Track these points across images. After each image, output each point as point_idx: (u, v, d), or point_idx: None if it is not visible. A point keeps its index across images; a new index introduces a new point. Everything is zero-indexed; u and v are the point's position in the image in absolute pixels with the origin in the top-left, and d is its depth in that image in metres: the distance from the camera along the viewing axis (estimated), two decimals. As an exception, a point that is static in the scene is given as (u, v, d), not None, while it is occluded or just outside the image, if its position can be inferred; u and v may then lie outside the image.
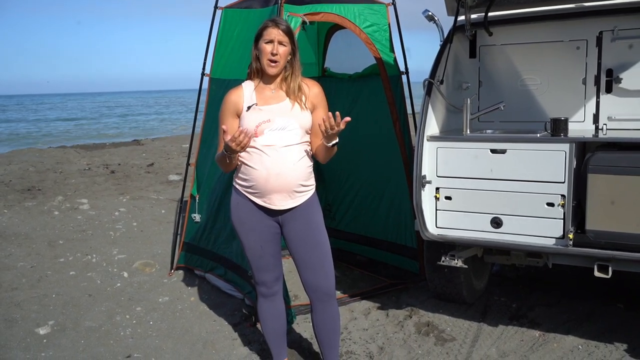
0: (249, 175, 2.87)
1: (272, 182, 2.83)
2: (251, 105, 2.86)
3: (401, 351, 3.65)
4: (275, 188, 2.84)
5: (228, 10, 4.74)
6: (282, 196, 2.88)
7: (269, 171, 2.82)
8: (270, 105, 2.87)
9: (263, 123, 2.82)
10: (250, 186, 2.88)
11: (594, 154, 3.16)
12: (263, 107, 2.86)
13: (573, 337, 3.73)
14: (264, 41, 2.82)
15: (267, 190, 2.86)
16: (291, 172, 2.85)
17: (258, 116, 2.84)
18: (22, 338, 3.96)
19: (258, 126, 2.82)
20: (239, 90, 2.93)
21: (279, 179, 2.83)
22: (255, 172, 2.84)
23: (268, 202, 2.89)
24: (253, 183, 2.87)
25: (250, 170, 2.86)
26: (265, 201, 2.90)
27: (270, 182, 2.83)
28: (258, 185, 2.86)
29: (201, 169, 4.98)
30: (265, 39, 2.82)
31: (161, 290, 4.83)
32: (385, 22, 4.67)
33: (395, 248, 4.97)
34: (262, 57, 2.84)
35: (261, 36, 2.83)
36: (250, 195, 2.91)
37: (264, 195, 2.88)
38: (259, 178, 2.84)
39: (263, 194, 2.87)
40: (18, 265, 5.56)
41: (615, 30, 3.64)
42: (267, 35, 2.82)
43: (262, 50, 2.83)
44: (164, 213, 7.68)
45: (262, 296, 3.13)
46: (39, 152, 15.39)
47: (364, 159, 5.22)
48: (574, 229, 3.25)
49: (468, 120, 3.62)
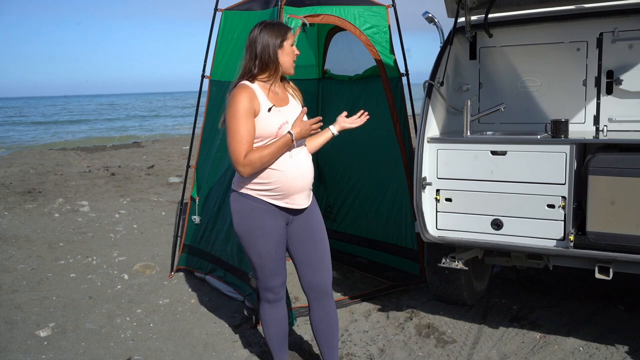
0: (270, 179, 2.85)
1: (297, 182, 2.87)
2: (271, 107, 2.85)
3: (402, 353, 3.65)
4: (299, 188, 2.89)
5: (228, 12, 4.75)
6: (305, 195, 2.95)
7: (297, 171, 2.87)
8: (284, 107, 2.91)
9: (284, 125, 2.84)
10: (273, 189, 2.87)
11: (595, 155, 3.16)
12: (281, 109, 2.88)
13: (574, 339, 3.72)
14: (289, 43, 2.87)
15: (291, 191, 2.88)
16: (310, 171, 2.95)
17: (278, 118, 2.85)
18: (23, 340, 3.96)
19: (280, 128, 2.83)
20: (249, 90, 2.81)
21: (301, 179, 2.89)
22: (279, 174, 2.84)
23: (291, 202, 2.91)
24: (277, 185, 2.86)
25: (274, 173, 2.84)
26: (287, 202, 2.90)
27: (295, 183, 2.87)
28: (283, 187, 2.86)
29: (201, 171, 4.98)
30: (290, 42, 2.87)
31: (161, 292, 4.83)
32: (385, 24, 4.68)
33: (396, 250, 4.97)
34: (288, 58, 2.88)
35: (286, 38, 2.85)
36: (270, 198, 2.88)
37: (287, 197, 2.89)
38: (284, 179, 2.85)
39: (287, 195, 2.88)
40: (18, 267, 5.56)
41: (616, 31, 3.63)
42: (291, 38, 2.88)
43: (290, 52, 2.87)
44: (164, 215, 7.68)
45: (268, 302, 3.11)
46: (39, 154, 15.40)
47: (364, 160, 5.22)
48: (574, 231, 3.24)
49: (468, 122, 3.62)
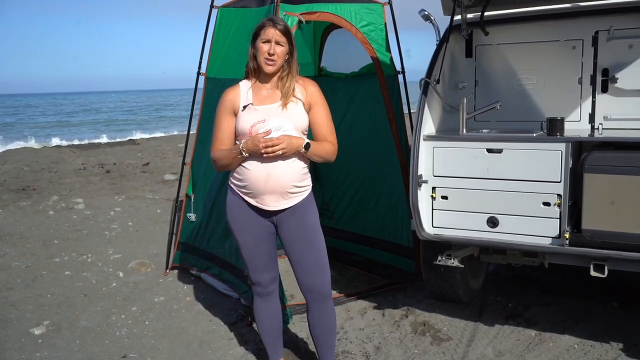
0: (243, 176, 2.87)
1: (266, 183, 2.83)
2: (247, 104, 2.85)
3: (397, 351, 3.65)
4: (268, 189, 2.84)
5: (224, 9, 4.73)
6: (275, 197, 2.87)
7: (263, 172, 2.81)
8: (266, 105, 2.85)
9: (258, 123, 2.80)
10: (244, 186, 2.88)
11: (590, 153, 3.17)
12: (258, 107, 2.85)
13: (569, 336, 3.73)
14: (261, 40, 2.81)
15: (260, 191, 2.85)
16: (285, 174, 2.84)
17: (253, 116, 2.82)
18: (17, 338, 3.94)
19: (253, 126, 2.80)
20: (236, 89, 2.92)
21: (272, 181, 2.82)
22: (249, 173, 2.84)
23: (261, 202, 2.89)
24: (247, 183, 2.86)
25: (245, 171, 2.85)
26: (258, 202, 2.89)
27: (263, 184, 2.83)
28: (251, 186, 2.86)
29: (197, 169, 4.97)
30: (262, 38, 2.81)
31: (157, 290, 4.82)
32: (382, 22, 4.67)
33: (392, 247, 4.97)
34: (259, 56, 2.83)
35: (259, 35, 2.82)
36: (244, 195, 2.91)
37: (257, 196, 2.88)
38: (253, 179, 2.83)
39: (256, 194, 2.87)
40: (13, 265, 5.53)
41: (611, 29, 3.64)
42: (264, 34, 2.80)
43: (259, 49, 2.82)
44: (160, 213, 7.66)
45: (258, 296, 3.13)
46: (34, 151, 15.34)
47: (360, 158, 5.22)
48: (570, 229, 3.25)
49: (464, 120, 3.62)
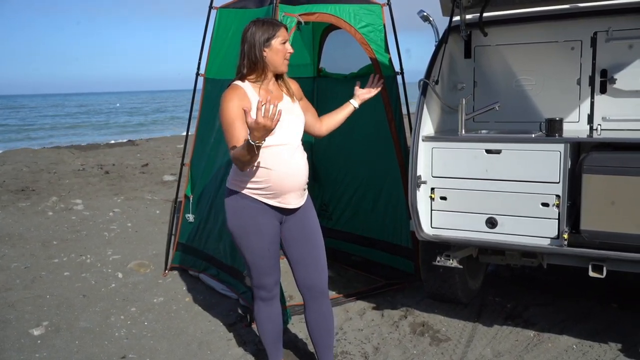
0: (262, 177, 2.82)
1: (288, 181, 2.84)
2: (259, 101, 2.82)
3: (396, 351, 3.66)
4: (290, 187, 2.86)
5: (223, 10, 4.74)
6: (296, 194, 2.91)
7: (286, 171, 2.83)
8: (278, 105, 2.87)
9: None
10: (265, 187, 2.84)
11: (589, 154, 3.17)
12: None
13: (567, 336, 3.74)
14: (280, 42, 2.84)
15: (283, 190, 2.85)
16: (302, 171, 2.90)
17: None
18: (16, 339, 3.94)
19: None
20: (239, 91, 2.81)
21: (295, 178, 2.86)
22: (271, 173, 2.81)
23: (284, 202, 2.89)
24: (269, 184, 2.83)
25: (265, 172, 2.81)
26: (280, 201, 2.88)
27: (287, 182, 2.84)
28: (275, 186, 2.83)
29: (195, 170, 4.98)
30: (281, 40, 2.84)
31: (156, 290, 4.82)
32: (381, 23, 4.67)
33: (391, 248, 4.98)
34: (277, 56, 2.85)
35: (274, 36, 2.83)
36: (262, 197, 2.86)
37: (279, 196, 2.86)
38: (277, 178, 2.82)
39: (279, 194, 2.86)
40: (12, 265, 5.53)
41: (610, 30, 3.65)
42: (281, 35, 2.85)
43: (278, 51, 2.84)
44: (159, 213, 7.66)
45: (261, 300, 3.10)
46: (33, 152, 15.33)
47: (359, 159, 5.22)
48: (568, 229, 3.25)
49: (463, 121, 3.63)
